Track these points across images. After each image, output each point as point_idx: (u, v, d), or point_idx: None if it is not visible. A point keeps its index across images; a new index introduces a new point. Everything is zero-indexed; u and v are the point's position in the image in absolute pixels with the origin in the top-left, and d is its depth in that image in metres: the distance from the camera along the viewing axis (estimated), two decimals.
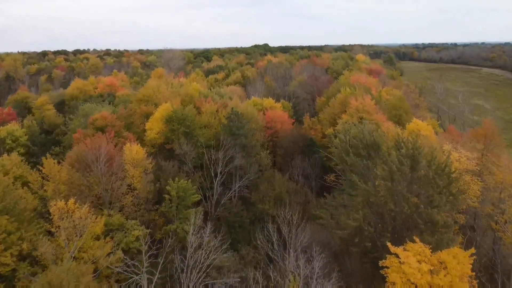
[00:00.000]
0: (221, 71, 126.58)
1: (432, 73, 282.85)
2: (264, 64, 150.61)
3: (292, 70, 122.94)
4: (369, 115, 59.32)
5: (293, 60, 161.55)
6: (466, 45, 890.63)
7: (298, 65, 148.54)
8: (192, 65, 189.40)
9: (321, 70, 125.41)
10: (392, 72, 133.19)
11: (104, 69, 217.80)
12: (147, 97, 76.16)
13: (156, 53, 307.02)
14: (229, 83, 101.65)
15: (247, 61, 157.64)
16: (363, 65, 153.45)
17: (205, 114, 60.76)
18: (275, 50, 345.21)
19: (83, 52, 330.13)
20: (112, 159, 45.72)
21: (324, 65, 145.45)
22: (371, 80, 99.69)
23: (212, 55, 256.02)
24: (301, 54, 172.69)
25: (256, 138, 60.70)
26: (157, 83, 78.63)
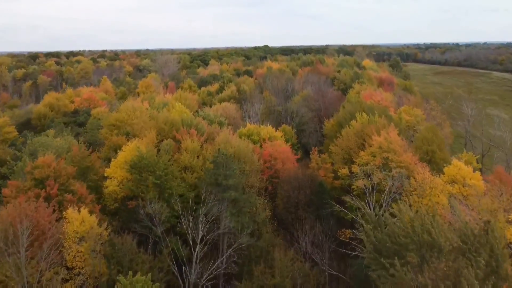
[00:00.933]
0: (215, 82, 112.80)
1: (438, 77, 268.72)
2: (263, 72, 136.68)
3: (294, 81, 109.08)
4: (397, 155, 45.58)
5: (295, 67, 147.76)
6: (468, 45, 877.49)
7: (301, 73, 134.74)
8: (186, 71, 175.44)
9: (326, 81, 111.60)
10: (405, 82, 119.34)
11: (94, 74, 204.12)
12: (121, 122, 62.57)
13: (152, 55, 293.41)
14: (223, 98, 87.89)
15: (245, 68, 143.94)
16: (372, 72, 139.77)
17: (185, 153, 47.03)
18: (275, 52, 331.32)
19: (77, 54, 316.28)
20: (44, 234, 32.13)
21: (329, 73, 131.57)
22: (386, 96, 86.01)
23: (209, 58, 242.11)
24: (304, 60, 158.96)
25: (250, 183, 47.02)
26: (133, 105, 64.88)
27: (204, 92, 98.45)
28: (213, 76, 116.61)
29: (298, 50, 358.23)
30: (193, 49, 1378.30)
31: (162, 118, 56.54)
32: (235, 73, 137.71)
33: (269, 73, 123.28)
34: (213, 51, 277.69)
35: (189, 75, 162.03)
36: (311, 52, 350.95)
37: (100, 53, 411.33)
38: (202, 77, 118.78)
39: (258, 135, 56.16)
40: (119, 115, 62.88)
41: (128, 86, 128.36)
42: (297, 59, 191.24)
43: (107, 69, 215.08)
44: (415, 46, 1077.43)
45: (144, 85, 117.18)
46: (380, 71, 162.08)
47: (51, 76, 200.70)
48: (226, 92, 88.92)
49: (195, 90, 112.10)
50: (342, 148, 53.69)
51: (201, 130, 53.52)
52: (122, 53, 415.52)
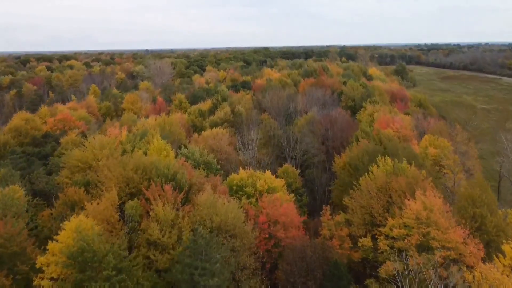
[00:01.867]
0: (209, 96, 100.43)
1: (446, 82, 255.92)
2: (262, 84, 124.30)
3: (296, 98, 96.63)
4: (441, 231, 33.16)
5: (297, 77, 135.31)
6: (470, 46, 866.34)
7: (303, 86, 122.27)
8: (180, 80, 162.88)
9: (332, 96, 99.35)
10: (418, 97, 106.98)
11: (84, 81, 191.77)
12: (84, 163, 50.29)
13: (148, 58, 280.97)
14: (215, 122, 75.44)
15: (242, 79, 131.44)
16: (380, 84, 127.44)
17: (154, 223, 34.75)
18: (275, 55, 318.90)
19: (70, 58, 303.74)
20: None
21: (334, 85, 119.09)
22: (404, 120, 73.64)
23: (206, 64, 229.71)
24: (306, 70, 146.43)
25: (242, 264, 34.80)
26: (101, 141, 52.48)
27: (195, 111, 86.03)
28: (206, 91, 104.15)
29: (299, 53, 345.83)
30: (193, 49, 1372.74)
31: (133, 163, 44.12)
32: (232, 84, 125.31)
33: (268, 86, 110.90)
34: (211, 55, 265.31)
35: (182, 84, 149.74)
36: (312, 55, 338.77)
37: (96, 55, 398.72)
38: (195, 91, 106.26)
39: (254, 186, 43.77)
40: (83, 155, 50.57)
41: (114, 99, 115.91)
42: (298, 66, 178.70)
43: (99, 75, 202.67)
44: (416, 47, 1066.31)
45: (130, 100, 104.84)
46: (388, 80, 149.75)
47: (39, 83, 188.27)
48: (219, 114, 76.47)
49: (186, 107, 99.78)
50: (361, 206, 41.36)
51: (180, 182, 41.17)
52: (119, 56, 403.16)
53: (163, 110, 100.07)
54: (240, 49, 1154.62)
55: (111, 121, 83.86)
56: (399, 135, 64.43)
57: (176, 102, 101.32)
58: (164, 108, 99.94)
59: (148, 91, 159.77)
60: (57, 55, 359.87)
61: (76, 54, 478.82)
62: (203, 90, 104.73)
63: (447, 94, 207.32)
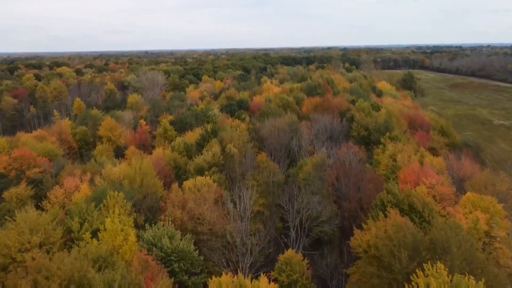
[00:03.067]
0: (199, 123, 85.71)
1: (455, 91, 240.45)
2: (261, 104, 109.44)
3: (300, 127, 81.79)
4: None
5: (300, 94, 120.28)
6: (473, 48, 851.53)
7: (307, 106, 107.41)
8: (171, 94, 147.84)
9: (342, 127, 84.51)
10: (440, 123, 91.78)
11: (71, 92, 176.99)
12: (4, 257, 35.53)
13: (141, 67, 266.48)
14: (201, 167, 60.52)
15: (239, 97, 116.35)
16: (394, 103, 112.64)
17: None
18: (276, 61, 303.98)
19: (61, 64, 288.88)
20: None
21: (342, 105, 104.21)
22: (434, 163, 58.81)
23: (203, 72, 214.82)
24: (310, 85, 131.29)
25: None
26: (33, 221, 37.65)
27: (180, 145, 71.27)
28: (195, 116, 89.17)
29: (300, 59, 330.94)
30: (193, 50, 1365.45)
31: (65, 273, 29.29)
32: (227, 104, 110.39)
33: (267, 110, 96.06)
34: (208, 63, 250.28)
35: (173, 100, 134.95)
36: (314, 61, 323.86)
37: (91, 60, 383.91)
38: (183, 116, 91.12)
39: None
40: (4, 240, 35.79)
41: (93, 122, 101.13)
42: (300, 79, 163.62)
43: (87, 86, 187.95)
44: (418, 48, 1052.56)
45: (108, 126, 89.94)
46: (400, 96, 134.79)
47: (22, 95, 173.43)
48: (206, 156, 61.48)
49: (171, 136, 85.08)
50: None
51: None
52: (115, 60, 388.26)
53: (145, 140, 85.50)
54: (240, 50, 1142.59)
55: (73, 164, 68.86)
56: (434, 193, 49.58)
57: (160, 130, 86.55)
58: (145, 137, 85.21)
59: (136, 106, 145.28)
60: (49, 61, 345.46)
61: (71, 58, 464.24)
62: (192, 114, 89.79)
63: (459, 106, 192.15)
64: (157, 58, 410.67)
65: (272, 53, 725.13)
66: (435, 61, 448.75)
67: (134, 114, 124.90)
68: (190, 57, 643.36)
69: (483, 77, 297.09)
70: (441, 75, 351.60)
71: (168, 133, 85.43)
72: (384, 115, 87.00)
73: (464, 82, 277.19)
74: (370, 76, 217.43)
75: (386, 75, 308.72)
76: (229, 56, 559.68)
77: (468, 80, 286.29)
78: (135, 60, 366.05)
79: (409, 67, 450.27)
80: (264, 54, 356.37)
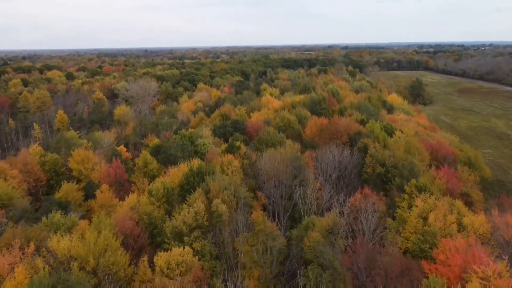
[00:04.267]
0: (185, 157, 72.22)
1: (466, 98, 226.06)
2: (259, 124, 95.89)
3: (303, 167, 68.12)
4: None
5: (302, 111, 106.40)
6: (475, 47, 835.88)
7: (311, 128, 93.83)
8: (162, 108, 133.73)
9: (353, 162, 70.82)
10: (467, 154, 78.02)
11: (57, 101, 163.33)
12: None
13: (134, 71, 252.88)
14: (180, 232, 47.01)
15: (234, 116, 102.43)
16: (409, 123, 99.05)
17: None
18: (276, 64, 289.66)
19: (52, 68, 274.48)
20: None
21: (351, 128, 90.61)
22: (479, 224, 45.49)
23: (199, 78, 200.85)
24: (314, 99, 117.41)
25: None
26: None
27: (159, 190, 57.77)
28: (181, 147, 75.41)
29: (301, 61, 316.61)
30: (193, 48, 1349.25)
31: None
32: (220, 125, 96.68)
33: (266, 136, 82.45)
34: (205, 68, 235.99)
35: (163, 115, 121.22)
36: (315, 63, 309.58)
37: (85, 62, 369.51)
38: (167, 146, 77.12)
39: None
40: None
41: (67, 145, 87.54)
42: (303, 89, 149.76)
43: (74, 94, 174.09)
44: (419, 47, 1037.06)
45: (79, 158, 76.23)
46: (413, 112, 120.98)
47: (4, 104, 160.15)
48: (187, 217, 47.88)
49: (152, 171, 71.65)
50: None
51: None
52: (111, 61, 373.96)
53: (121, 175, 71.96)
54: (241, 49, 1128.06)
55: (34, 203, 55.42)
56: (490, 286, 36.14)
57: (140, 163, 72.94)
58: (121, 172, 71.56)
59: (124, 119, 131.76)
60: (41, 63, 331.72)
61: (67, 57, 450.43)
62: (177, 144, 75.95)
63: (472, 115, 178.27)
64: (153, 60, 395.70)
65: (273, 52, 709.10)
66: (439, 62, 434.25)
67: (118, 132, 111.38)
68: (189, 56, 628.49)
69: (492, 81, 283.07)
70: (447, 77, 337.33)
71: (149, 167, 71.84)
72: (403, 147, 73.33)
73: (473, 87, 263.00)
74: (376, 83, 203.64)
75: (391, 79, 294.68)
76: (228, 58, 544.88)
77: (477, 85, 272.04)
78: (131, 62, 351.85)
79: (413, 68, 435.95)
80: (264, 57, 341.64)
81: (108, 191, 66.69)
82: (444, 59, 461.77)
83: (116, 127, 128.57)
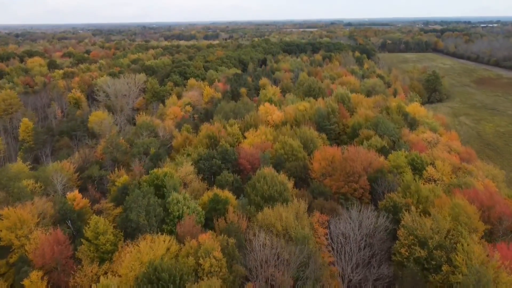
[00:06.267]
0: (151, 228, 52.38)
1: (485, 90, 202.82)
2: (253, 155, 75.36)
3: (315, 249, 48.09)
4: None
5: (308, 132, 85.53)
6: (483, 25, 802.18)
7: (319, 160, 73.17)
8: (140, 121, 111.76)
9: (380, 237, 50.85)
10: None
11: (27, 103, 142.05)
12: None
13: (130, 53, 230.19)
14: None
15: (224, 144, 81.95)
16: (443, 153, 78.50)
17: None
18: (277, 50, 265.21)
19: (35, 54, 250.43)
20: None
21: (370, 165, 70.23)
22: None
23: (191, 70, 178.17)
24: (322, 113, 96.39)
25: None
26: None
27: None
28: (145, 209, 55.31)
29: (303, 45, 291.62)
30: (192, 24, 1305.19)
31: None
32: (205, 157, 75.93)
33: (262, 183, 61.99)
34: (198, 56, 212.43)
35: (142, 129, 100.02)
36: (319, 48, 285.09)
37: (73, 44, 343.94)
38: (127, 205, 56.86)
39: None
40: None
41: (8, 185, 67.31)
42: (307, 89, 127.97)
43: (50, 92, 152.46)
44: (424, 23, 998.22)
45: (11, 223, 55.89)
46: (439, 126, 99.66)
47: None
48: None
49: (103, 246, 51.77)
50: None
51: None
52: (101, 43, 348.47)
53: (60, 252, 51.91)
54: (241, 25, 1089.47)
55: None
56: None
57: (89, 234, 52.79)
58: (62, 249, 51.55)
59: (100, 128, 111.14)
60: (23, 49, 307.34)
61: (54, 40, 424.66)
62: (141, 206, 55.40)
63: (496, 116, 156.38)
64: (147, 43, 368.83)
65: (274, 30, 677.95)
66: (448, 42, 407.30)
67: (84, 156, 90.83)
68: (187, 35, 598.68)
69: (509, 68, 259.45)
70: (459, 62, 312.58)
71: (101, 240, 51.79)
72: (448, 211, 52.96)
73: (491, 77, 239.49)
74: (388, 76, 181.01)
75: (400, 64, 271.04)
76: (227, 37, 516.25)
77: (495, 74, 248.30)
78: (122, 45, 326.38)
79: (421, 50, 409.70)
80: (264, 41, 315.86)
81: (39, 281, 47.27)
82: (453, 39, 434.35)
83: (88, 141, 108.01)
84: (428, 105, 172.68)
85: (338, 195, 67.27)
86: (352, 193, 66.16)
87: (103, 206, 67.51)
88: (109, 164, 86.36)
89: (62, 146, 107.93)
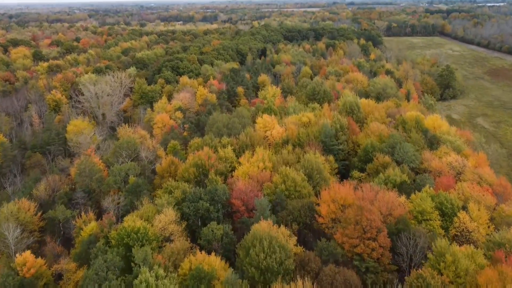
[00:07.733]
0: None
1: (501, 84, 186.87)
2: (249, 194, 61.91)
3: None
4: None
5: (313, 160, 71.80)
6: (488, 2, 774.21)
7: (326, 207, 59.65)
8: (120, 140, 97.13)
9: None
10: None
11: (1, 104, 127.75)
12: None
13: (122, 40, 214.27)
14: None
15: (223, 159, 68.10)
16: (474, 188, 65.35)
17: None
18: (277, 38, 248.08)
19: (20, 43, 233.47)
20: None
21: (389, 211, 57.08)
22: None
23: (185, 65, 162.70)
24: (329, 132, 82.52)
25: None
26: None
27: None
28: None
29: (305, 32, 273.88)
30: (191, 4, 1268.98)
31: None
32: (192, 199, 62.45)
33: (257, 251, 48.70)
34: (193, 49, 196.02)
35: (121, 150, 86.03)
36: (322, 34, 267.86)
37: (64, 30, 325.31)
38: (85, 282, 44.14)
39: None
40: None
41: None
42: (311, 92, 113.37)
43: (28, 92, 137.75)
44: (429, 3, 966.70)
45: None
46: (463, 145, 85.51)
47: None
48: None
49: None
50: None
51: None
52: (94, 28, 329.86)
53: None
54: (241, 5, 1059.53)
55: None
56: None
57: None
58: None
59: (76, 144, 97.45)
60: (10, 35, 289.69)
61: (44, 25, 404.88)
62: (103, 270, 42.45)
63: None
64: (142, 28, 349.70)
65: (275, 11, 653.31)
66: (456, 26, 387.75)
67: (54, 184, 77.47)
68: (185, 16, 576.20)
69: None
70: (469, 48, 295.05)
71: None
72: None
73: (505, 67, 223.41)
74: (397, 70, 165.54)
75: (407, 49, 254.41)
76: (226, 18, 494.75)
77: (509, 64, 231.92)
78: (115, 30, 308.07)
79: (428, 34, 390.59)
80: (264, 27, 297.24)
81: None
82: (461, 21, 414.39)
83: (62, 159, 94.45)
84: (441, 103, 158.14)
85: (352, 253, 54.15)
86: (369, 253, 52.97)
87: (63, 267, 54.61)
88: (81, 197, 73.00)
89: (33, 164, 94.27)
